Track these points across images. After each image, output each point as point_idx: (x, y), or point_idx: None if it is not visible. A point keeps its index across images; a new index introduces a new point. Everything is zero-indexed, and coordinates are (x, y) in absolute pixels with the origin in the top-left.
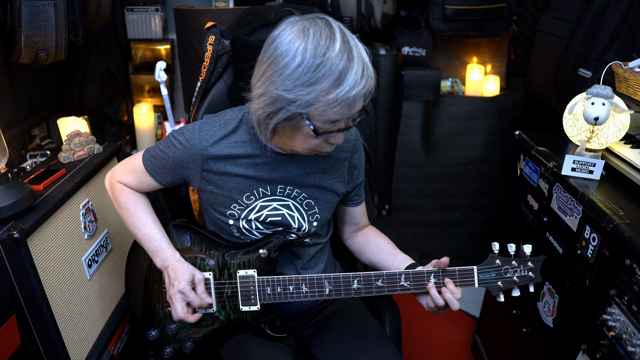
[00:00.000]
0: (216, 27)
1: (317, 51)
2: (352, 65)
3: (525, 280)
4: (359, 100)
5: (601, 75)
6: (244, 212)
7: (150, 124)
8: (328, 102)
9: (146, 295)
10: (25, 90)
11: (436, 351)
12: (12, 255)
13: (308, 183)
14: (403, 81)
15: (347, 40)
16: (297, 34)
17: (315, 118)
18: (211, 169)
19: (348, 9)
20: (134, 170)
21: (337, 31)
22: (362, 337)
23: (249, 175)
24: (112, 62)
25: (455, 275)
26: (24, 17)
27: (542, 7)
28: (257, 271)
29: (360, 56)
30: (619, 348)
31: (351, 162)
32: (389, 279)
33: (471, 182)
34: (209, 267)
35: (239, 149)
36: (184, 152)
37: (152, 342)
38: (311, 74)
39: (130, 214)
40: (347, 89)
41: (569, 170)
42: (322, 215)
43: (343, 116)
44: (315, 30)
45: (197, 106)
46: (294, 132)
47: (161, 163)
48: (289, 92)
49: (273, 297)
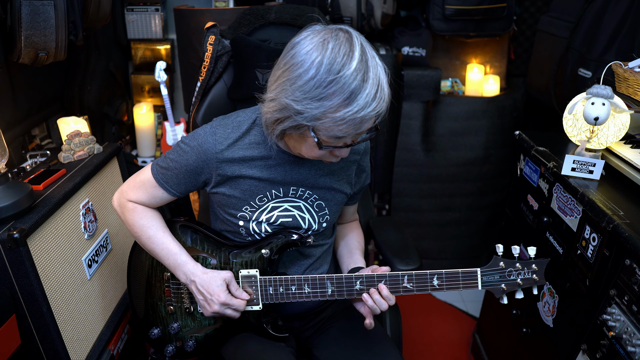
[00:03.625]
0: (216, 27)
1: (332, 67)
2: (366, 86)
3: (529, 282)
4: (367, 121)
5: (601, 75)
6: (255, 214)
7: (150, 124)
8: (335, 119)
9: (148, 294)
10: (25, 90)
11: (436, 351)
12: (12, 255)
13: (320, 185)
14: (403, 81)
15: (366, 59)
16: (316, 46)
17: (322, 132)
18: (226, 172)
19: (348, 9)
20: (143, 185)
21: (357, 48)
22: (363, 337)
23: (262, 178)
24: (112, 62)
25: (458, 277)
26: (24, 17)
27: (542, 7)
28: (259, 271)
29: (377, 77)
30: (619, 348)
31: (360, 164)
32: (391, 280)
33: (471, 182)
34: (211, 266)
35: (253, 150)
36: (198, 157)
37: (154, 340)
38: (322, 89)
39: (145, 230)
40: (356, 109)
41: (569, 170)
42: (332, 216)
43: (349, 134)
44: (335, 45)
45: (197, 106)
46: (300, 139)
47: (174, 173)
48: (298, 104)
49: (275, 297)
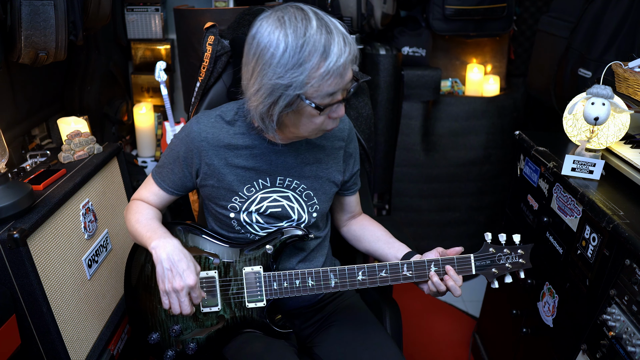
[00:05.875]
0: (215, 27)
1: (297, 33)
2: (333, 36)
3: (516, 266)
4: (348, 67)
5: (601, 75)
6: (245, 204)
7: (150, 124)
8: (321, 76)
9: (147, 298)
10: (25, 90)
11: (436, 351)
12: (12, 255)
13: (306, 174)
14: (403, 81)
15: (321, 17)
16: (274, 25)
17: (313, 95)
18: (212, 161)
19: (348, 9)
20: (146, 184)
21: (309, 12)
22: (363, 335)
23: (248, 167)
24: (112, 62)
25: (453, 263)
26: (24, 17)
27: (542, 7)
28: (262, 267)
29: (337, 27)
30: (619, 348)
31: (347, 150)
32: (392, 269)
33: (471, 182)
34: (213, 265)
35: (238, 140)
36: (186, 147)
37: (153, 345)
38: (298, 55)
39: (133, 214)
40: (335, 58)
41: (569, 170)
42: (321, 206)
43: (338, 86)
44: (289, 16)
45: (196, 106)
46: (297, 117)
47: (168, 169)
48: (283, 78)
49: (279, 292)
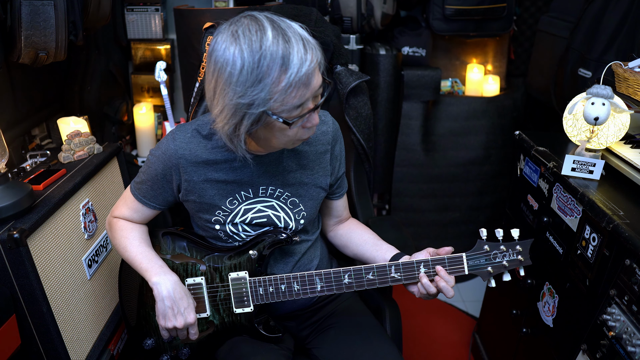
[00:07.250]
0: (214, 28)
1: (252, 47)
2: (292, 45)
3: (514, 264)
4: (313, 76)
5: (601, 75)
6: (229, 217)
7: (150, 124)
8: (284, 89)
9: (140, 304)
10: (25, 90)
11: (436, 351)
12: (12, 255)
13: (290, 181)
14: (403, 81)
15: (278, 25)
16: (228, 41)
17: (279, 109)
18: (192, 177)
19: (348, 9)
20: (125, 201)
21: (264, 21)
22: (363, 336)
23: (229, 180)
24: (112, 62)
25: (444, 263)
26: (24, 17)
27: (542, 7)
28: (248, 272)
29: (296, 33)
30: (619, 348)
31: (333, 153)
32: (379, 271)
33: (471, 182)
34: (200, 272)
35: (217, 154)
36: (164, 165)
37: (148, 351)
38: (257, 70)
39: (122, 240)
40: (296, 69)
41: (569, 170)
42: (308, 212)
43: (304, 97)
44: (243, 29)
45: (195, 107)
46: (269, 131)
47: (148, 186)
48: (244, 97)
49: (266, 297)
